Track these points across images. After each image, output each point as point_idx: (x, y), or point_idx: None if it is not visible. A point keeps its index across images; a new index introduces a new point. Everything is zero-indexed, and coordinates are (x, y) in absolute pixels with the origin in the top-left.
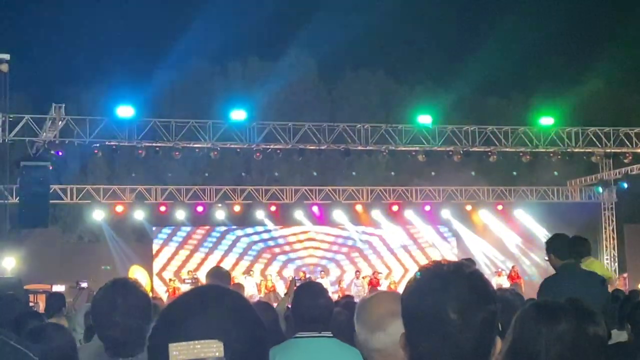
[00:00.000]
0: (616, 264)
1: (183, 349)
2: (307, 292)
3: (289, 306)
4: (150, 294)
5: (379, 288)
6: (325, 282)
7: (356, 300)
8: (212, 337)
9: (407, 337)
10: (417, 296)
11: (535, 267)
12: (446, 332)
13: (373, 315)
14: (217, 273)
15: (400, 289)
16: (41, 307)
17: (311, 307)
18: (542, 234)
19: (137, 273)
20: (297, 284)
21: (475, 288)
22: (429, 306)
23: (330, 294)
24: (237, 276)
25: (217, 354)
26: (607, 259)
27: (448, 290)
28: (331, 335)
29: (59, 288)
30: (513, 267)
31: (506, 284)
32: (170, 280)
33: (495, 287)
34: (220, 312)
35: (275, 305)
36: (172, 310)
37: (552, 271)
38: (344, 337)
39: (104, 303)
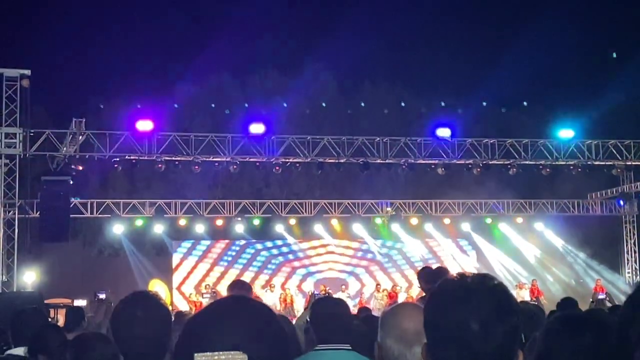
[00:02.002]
0: (638, 277)
1: (208, 359)
2: (325, 305)
3: (308, 319)
4: (170, 308)
5: (397, 301)
6: (345, 296)
7: (375, 313)
8: (236, 347)
9: (429, 347)
10: (440, 306)
11: (557, 282)
12: (467, 343)
13: (409, 330)
14: (239, 286)
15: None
16: (61, 321)
17: (330, 320)
18: (563, 247)
19: (156, 287)
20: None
21: (498, 300)
22: (451, 317)
23: (350, 308)
24: (257, 290)
25: None
26: (628, 272)
27: (471, 301)
28: (350, 348)
29: (80, 302)
30: (533, 281)
31: (528, 297)
32: (190, 294)
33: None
34: (244, 323)
35: (293, 319)
36: (198, 321)
37: (572, 286)
38: (362, 349)
39: (124, 316)
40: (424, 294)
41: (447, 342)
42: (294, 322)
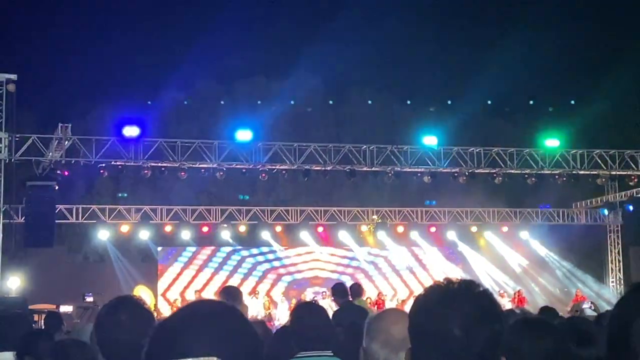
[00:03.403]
0: (622, 287)
1: None
2: (306, 311)
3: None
4: (155, 314)
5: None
6: (326, 303)
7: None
8: (209, 352)
9: (413, 352)
10: (424, 311)
11: (542, 291)
12: (450, 349)
13: (396, 335)
14: (228, 291)
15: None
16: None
17: (311, 327)
18: (548, 256)
19: (142, 293)
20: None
21: (482, 307)
22: (435, 322)
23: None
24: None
25: None
26: (612, 282)
27: (454, 307)
28: (332, 354)
29: (66, 309)
30: (519, 291)
31: (509, 305)
32: (175, 300)
33: None
34: (216, 326)
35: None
36: (168, 326)
37: (557, 295)
38: (345, 356)
39: (108, 320)
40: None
41: (430, 347)
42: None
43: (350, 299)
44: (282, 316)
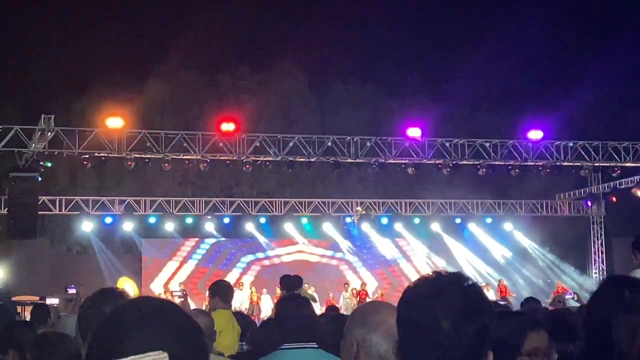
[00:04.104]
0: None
1: None
2: (290, 303)
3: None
4: None
5: (367, 300)
6: (311, 294)
7: (343, 312)
8: (155, 349)
9: (400, 343)
10: (413, 303)
11: (526, 282)
12: (437, 341)
13: (391, 324)
14: (221, 285)
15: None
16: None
17: (295, 319)
18: (532, 248)
19: (125, 285)
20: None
21: (470, 300)
22: (423, 314)
23: (317, 305)
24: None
25: None
26: (595, 273)
27: (442, 299)
28: (316, 346)
29: (53, 301)
30: (501, 281)
31: (493, 297)
32: (160, 294)
33: None
34: (159, 323)
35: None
36: (111, 325)
37: (541, 286)
38: (328, 348)
39: (91, 313)
40: None
41: (417, 339)
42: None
43: (294, 290)
44: (266, 308)
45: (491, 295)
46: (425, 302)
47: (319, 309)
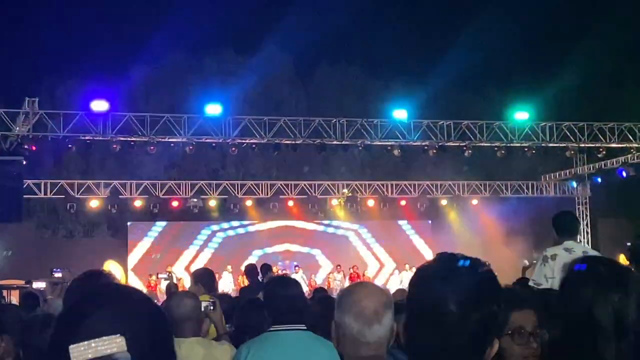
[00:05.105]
0: None
1: (84, 349)
2: (279, 284)
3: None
4: None
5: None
6: (299, 277)
7: (334, 294)
8: (112, 333)
9: (407, 324)
10: (424, 283)
11: (511, 264)
12: (443, 324)
13: (369, 308)
14: (204, 274)
15: (377, 283)
16: (14, 302)
17: (284, 300)
18: (517, 229)
19: (111, 268)
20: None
21: (482, 286)
22: (433, 296)
23: (305, 288)
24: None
25: (120, 349)
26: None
27: (453, 282)
28: (305, 328)
29: (40, 285)
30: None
31: None
32: (150, 275)
33: None
34: (118, 307)
35: None
36: (71, 311)
37: (526, 267)
38: (317, 330)
39: (76, 295)
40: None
41: (424, 320)
42: None
43: (261, 279)
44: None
45: None
46: (436, 282)
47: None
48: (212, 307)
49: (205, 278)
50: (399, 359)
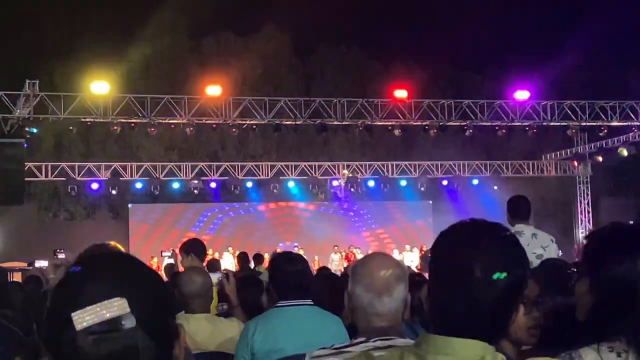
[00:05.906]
0: None
1: (86, 314)
2: (284, 259)
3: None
4: None
5: None
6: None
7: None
8: (112, 296)
9: (430, 288)
10: (447, 247)
11: None
12: (468, 289)
13: (380, 279)
14: (195, 243)
15: None
16: None
17: (289, 274)
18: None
19: None
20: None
21: (506, 250)
22: (457, 259)
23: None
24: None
25: (122, 310)
26: (582, 232)
27: (479, 247)
28: (312, 303)
29: (41, 263)
30: None
31: None
32: (152, 257)
33: None
34: (116, 274)
35: None
36: (68, 280)
37: None
38: (323, 305)
39: None
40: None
41: (448, 285)
42: None
43: (253, 267)
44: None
45: None
46: (460, 247)
47: None
48: (226, 279)
49: (195, 247)
50: (417, 331)
